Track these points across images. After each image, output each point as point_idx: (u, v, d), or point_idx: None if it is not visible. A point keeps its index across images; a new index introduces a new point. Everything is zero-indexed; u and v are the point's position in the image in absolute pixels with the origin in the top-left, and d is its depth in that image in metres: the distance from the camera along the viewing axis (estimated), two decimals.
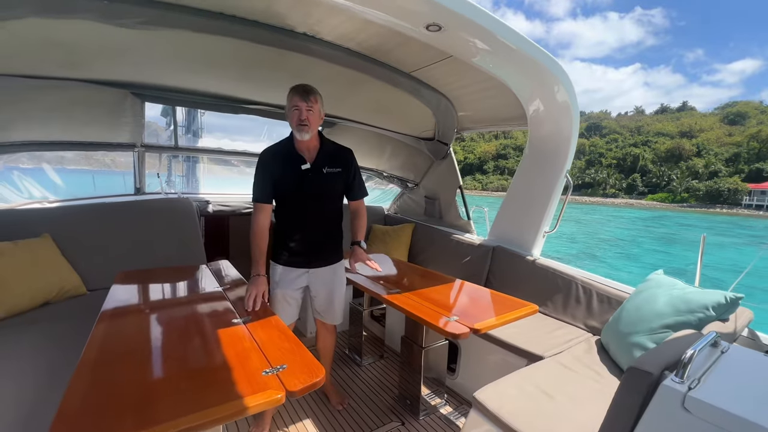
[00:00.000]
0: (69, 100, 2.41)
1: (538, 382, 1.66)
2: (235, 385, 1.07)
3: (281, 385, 1.08)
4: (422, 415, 2.10)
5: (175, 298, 1.82)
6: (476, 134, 40.75)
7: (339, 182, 1.91)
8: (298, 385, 1.08)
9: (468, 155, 77.09)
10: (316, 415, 2.09)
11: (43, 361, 1.67)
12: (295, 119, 1.72)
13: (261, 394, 1.04)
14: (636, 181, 60.91)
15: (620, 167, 65.16)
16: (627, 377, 1.09)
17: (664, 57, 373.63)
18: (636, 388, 1.06)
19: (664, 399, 1.00)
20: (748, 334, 1.82)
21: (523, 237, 2.86)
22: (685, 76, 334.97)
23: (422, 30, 1.66)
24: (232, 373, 1.14)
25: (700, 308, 1.64)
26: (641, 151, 65.46)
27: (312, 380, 1.11)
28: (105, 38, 1.88)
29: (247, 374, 1.13)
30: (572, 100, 2.23)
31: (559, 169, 2.57)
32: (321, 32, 2.10)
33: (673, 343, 1.20)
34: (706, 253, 2.16)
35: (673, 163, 60.75)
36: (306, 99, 1.70)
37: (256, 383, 1.08)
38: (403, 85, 2.63)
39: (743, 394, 0.98)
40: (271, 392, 1.05)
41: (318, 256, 1.94)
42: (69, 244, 2.43)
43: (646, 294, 1.94)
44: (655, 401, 1.02)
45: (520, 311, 1.86)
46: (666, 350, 1.15)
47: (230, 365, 1.18)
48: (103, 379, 1.09)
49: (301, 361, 1.21)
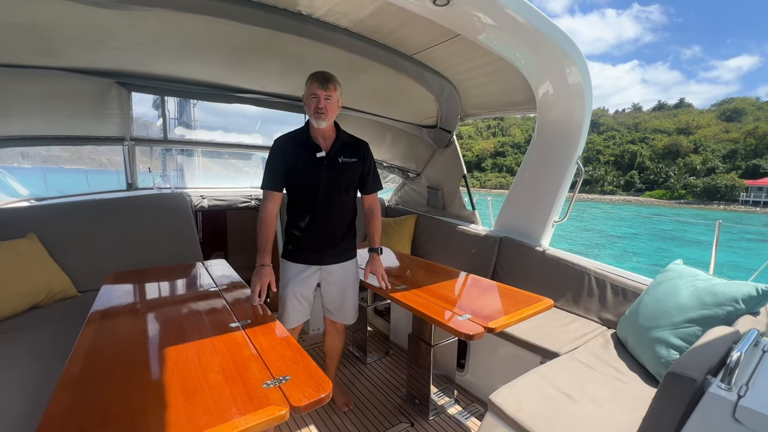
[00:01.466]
0: (48, 92, 2.25)
1: (557, 382, 1.57)
2: (234, 400, 0.97)
3: (285, 399, 0.98)
4: (432, 415, 2.02)
5: (168, 301, 1.71)
6: (474, 132, 40.60)
7: (355, 173, 1.86)
8: (304, 400, 0.98)
9: (466, 153, 76.49)
10: (321, 417, 2.01)
11: (30, 372, 1.56)
12: (312, 107, 1.69)
13: (262, 411, 0.93)
14: (634, 178, 61.04)
15: (618, 164, 65.22)
16: (666, 383, 0.99)
17: (661, 54, 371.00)
18: (678, 395, 0.96)
19: (712, 408, 0.90)
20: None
21: (531, 227, 2.76)
22: (682, 72, 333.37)
23: (428, 5, 1.52)
24: (230, 386, 1.03)
25: (729, 301, 1.54)
26: (639, 148, 65.57)
27: (318, 395, 1.01)
28: (82, 21, 1.72)
29: (246, 387, 1.03)
30: (586, 81, 2.10)
31: (571, 156, 2.45)
32: (317, 10, 1.94)
33: (712, 344, 1.10)
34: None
35: (670, 160, 60.86)
36: (325, 87, 1.68)
37: (257, 398, 0.98)
38: (405, 68, 2.48)
39: None
40: (274, 408, 0.95)
41: (332, 253, 1.86)
42: (57, 244, 2.30)
43: (666, 285, 1.84)
44: (700, 410, 0.92)
45: (536, 307, 1.76)
46: (706, 351, 1.05)
47: (228, 377, 1.08)
48: (87, 393, 1.00)
49: (305, 372, 1.11)
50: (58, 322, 1.93)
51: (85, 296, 2.22)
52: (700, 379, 0.95)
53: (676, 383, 0.97)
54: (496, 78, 2.53)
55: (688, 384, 0.95)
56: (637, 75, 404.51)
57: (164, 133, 3.14)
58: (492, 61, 2.28)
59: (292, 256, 1.83)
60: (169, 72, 2.50)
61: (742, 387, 0.92)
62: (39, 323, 1.91)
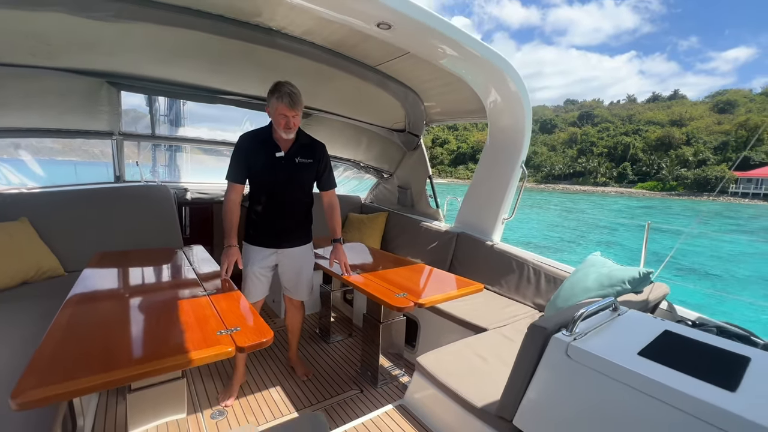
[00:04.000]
0: (44, 89, 2.48)
1: (477, 350, 1.86)
2: (192, 343, 1.23)
3: (233, 342, 1.24)
4: (380, 384, 2.28)
5: (147, 274, 1.95)
6: (470, 124, 39.47)
7: (309, 172, 2.07)
8: (248, 342, 1.24)
9: (461, 144, 75.91)
10: (282, 384, 2.26)
11: (22, 334, 1.79)
12: (282, 123, 1.86)
13: (213, 347, 1.19)
14: (626, 170, 61.03)
15: (611, 156, 64.74)
16: (528, 333, 1.28)
17: (659, 44, 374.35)
18: (534, 341, 1.25)
19: (553, 349, 1.19)
20: (667, 307, 2.05)
21: (484, 224, 3.06)
22: (679, 64, 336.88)
23: (374, 28, 1.81)
24: (189, 334, 1.29)
25: (618, 282, 1.85)
26: (632, 139, 65.13)
27: (260, 339, 1.27)
28: (77, 30, 1.97)
29: (203, 334, 1.28)
30: (522, 91, 2.40)
31: (515, 160, 2.75)
32: (286, 27, 2.22)
33: (575, 308, 1.39)
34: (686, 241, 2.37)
35: (663, 152, 60.71)
36: (294, 107, 1.83)
37: (211, 341, 1.24)
38: (369, 78, 2.77)
39: (619, 345, 1.18)
40: (222, 347, 1.20)
41: (287, 239, 2.10)
42: (46, 228, 2.53)
43: (581, 273, 2.14)
44: (547, 351, 1.21)
45: (466, 289, 2.05)
46: (566, 312, 1.34)
47: (189, 328, 1.33)
48: (72, 339, 1.22)
49: (253, 325, 1.37)
50: (47, 296, 2.16)
51: (71, 276, 2.44)
52: (551, 329, 1.24)
53: (535, 332, 1.26)
54: (453, 89, 2.83)
55: (541, 332, 1.24)
56: (635, 66, 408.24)
57: (152, 129, 3.37)
58: (446, 74, 2.57)
59: (252, 240, 2.07)
60: (156, 74, 2.74)
61: (579, 335, 1.21)
62: (29, 296, 2.13)
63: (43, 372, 1.01)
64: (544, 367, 1.22)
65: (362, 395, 2.20)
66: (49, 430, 1.18)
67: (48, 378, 0.98)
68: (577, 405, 1.14)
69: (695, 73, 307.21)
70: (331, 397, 2.17)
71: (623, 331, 1.30)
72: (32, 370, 1.01)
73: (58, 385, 0.95)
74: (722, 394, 0.93)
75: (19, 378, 0.97)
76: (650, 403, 0.99)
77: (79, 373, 1.02)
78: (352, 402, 2.13)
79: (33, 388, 0.93)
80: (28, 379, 0.97)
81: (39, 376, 0.99)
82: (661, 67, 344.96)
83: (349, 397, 2.18)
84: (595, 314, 1.34)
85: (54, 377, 0.99)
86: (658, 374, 1.01)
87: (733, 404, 0.88)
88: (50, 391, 0.93)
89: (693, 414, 0.92)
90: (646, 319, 1.42)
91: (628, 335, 1.27)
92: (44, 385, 0.94)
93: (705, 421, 0.90)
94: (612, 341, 1.21)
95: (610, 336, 1.24)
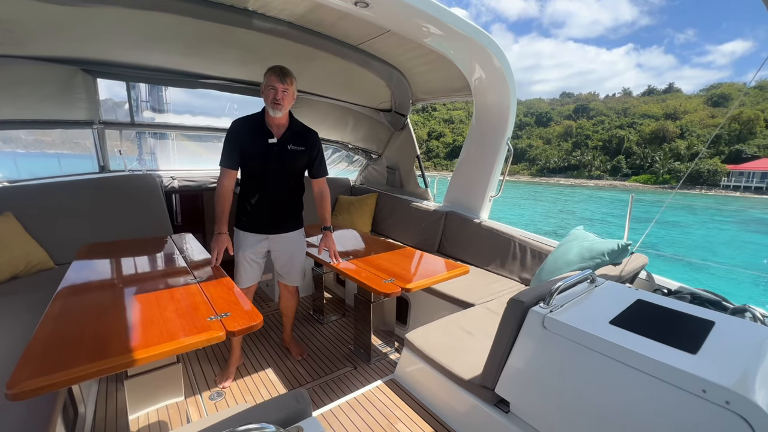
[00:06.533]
0: (14, 78, 2.40)
1: (463, 324, 1.93)
2: (183, 329, 1.26)
3: (223, 327, 1.27)
4: (373, 360, 2.37)
5: (136, 264, 1.97)
6: (466, 117, 39.44)
7: (301, 160, 2.06)
8: (238, 327, 1.28)
9: (457, 138, 75.20)
10: (277, 365, 2.34)
11: (14, 328, 1.81)
12: (270, 98, 1.85)
13: (204, 333, 1.23)
14: (620, 163, 61.69)
15: (606, 149, 65.37)
16: (508, 307, 1.34)
17: (657, 37, 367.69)
18: (513, 314, 1.31)
19: (531, 321, 1.25)
20: (646, 277, 2.12)
21: (471, 202, 3.09)
22: (676, 57, 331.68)
23: (351, 6, 1.77)
24: (180, 320, 1.32)
25: (598, 255, 1.91)
26: (626, 133, 65.72)
27: (250, 323, 1.31)
28: (41, 16, 1.89)
29: (194, 320, 1.32)
30: (506, 67, 2.38)
31: (501, 137, 2.76)
32: (262, 7, 2.15)
33: (553, 282, 1.45)
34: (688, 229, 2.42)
35: (656, 145, 61.42)
36: (283, 80, 1.83)
37: (201, 326, 1.27)
38: (352, 57, 2.71)
39: (593, 315, 1.24)
40: (213, 332, 1.24)
41: (278, 225, 2.12)
42: (32, 221, 2.51)
43: (564, 247, 2.20)
44: (525, 324, 1.27)
45: (453, 272, 2.10)
46: (544, 286, 1.39)
47: (180, 314, 1.36)
48: (63, 330, 1.25)
49: (243, 311, 1.41)
50: (38, 289, 2.17)
51: (61, 268, 2.45)
52: (529, 303, 1.29)
53: (514, 306, 1.32)
54: (437, 66, 2.79)
55: (519, 306, 1.30)
56: (632, 59, 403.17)
57: (131, 116, 3.30)
58: (430, 52, 2.53)
59: (244, 226, 2.09)
60: (131, 59, 2.66)
61: (556, 307, 1.26)
62: (20, 290, 2.14)
63: (36, 363, 1.04)
64: (523, 338, 1.28)
65: (356, 371, 2.28)
66: (49, 417, 1.22)
67: (41, 368, 1.01)
68: (553, 372, 1.21)
69: (692, 66, 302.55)
70: (325, 374, 2.25)
71: (598, 302, 1.35)
72: (25, 361, 1.04)
73: (52, 375, 0.99)
74: (684, 357, 0.99)
75: (14, 369, 1.00)
76: (619, 368, 1.06)
77: (71, 363, 1.05)
78: (346, 378, 2.21)
79: (27, 379, 0.96)
80: (21, 370, 1.00)
81: (32, 367, 1.02)
82: (658, 60, 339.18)
83: (344, 374, 2.26)
84: (573, 286, 1.40)
85: (47, 367, 1.02)
86: (626, 341, 1.07)
87: (692, 366, 0.95)
88: (44, 381, 0.96)
89: (656, 376, 0.98)
90: (621, 289, 1.48)
91: (602, 305, 1.33)
92: (38, 376, 0.97)
93: (667, 381, 0.96)
94: (586, 312, 1.26)
95: (585, 307, 1.30)
